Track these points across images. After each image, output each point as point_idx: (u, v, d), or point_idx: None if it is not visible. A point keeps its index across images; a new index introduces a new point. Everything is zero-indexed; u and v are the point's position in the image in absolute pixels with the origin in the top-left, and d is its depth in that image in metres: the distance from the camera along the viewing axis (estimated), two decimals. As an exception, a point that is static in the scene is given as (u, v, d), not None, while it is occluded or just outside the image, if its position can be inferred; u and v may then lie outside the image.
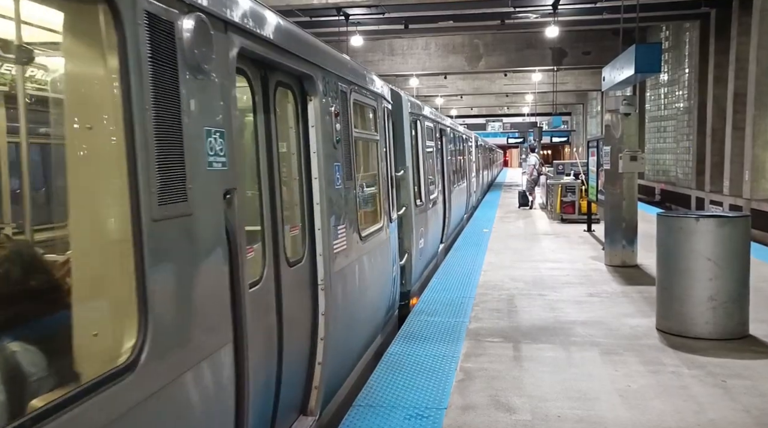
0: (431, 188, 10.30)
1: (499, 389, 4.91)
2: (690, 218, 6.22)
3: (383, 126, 6.64)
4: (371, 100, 6.15)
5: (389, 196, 6.77)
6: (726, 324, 6.04)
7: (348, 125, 5.09)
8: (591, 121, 45.93)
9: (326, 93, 4.47)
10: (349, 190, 5.05)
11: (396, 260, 7.10)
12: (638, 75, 10.40)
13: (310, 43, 4.41)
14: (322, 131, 4.35)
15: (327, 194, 4.40)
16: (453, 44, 28.84)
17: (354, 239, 5.11)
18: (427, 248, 9.57)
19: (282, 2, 16.95)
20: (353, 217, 5.13)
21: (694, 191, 23.42)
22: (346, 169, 4.94)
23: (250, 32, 3.25)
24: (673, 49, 26.86)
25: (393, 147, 7.64)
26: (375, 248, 5.89)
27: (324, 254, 4.32)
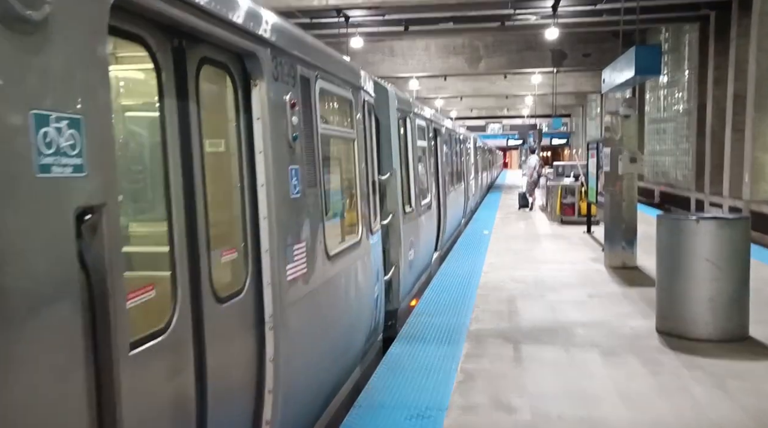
0: (423, 193, 9.52)
1: (500, 389, 4.93)
2: (690, 220, 6.24)
3: (363, 122, 5.65)
4: (346, 91, 5.17)
5: (370, 203, 5.79)
6: (726, 326, 6.06)
7: (312, 120, 4.11)
8: (590, 123, 45.97)
9: (278, 77, 3.56)
10: (313, 199, 4.10)
11: (379, 276, 6.16)
12: (638, 77, 10.42)
13: (255, 12, 3.36)
14: (272, 125, 3.44)
15: (278, 206, 3.48)
16: (453, 46, 28.87)
17: (319, 259, 4.18)
18: (418, 259, 8.68)
19: (282, 3, 16.98)
20: (318, 232, 4.18)
21: (693, 193, 23.44)
22: (308, 173, 4.00)
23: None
24: (672, 51, 26.90)
25: (377, 147, 6.84)
26: (349, 266, 4.98)
27: (273, 283, 3.40)
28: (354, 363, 5.30)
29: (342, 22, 20.47)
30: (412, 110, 8.80)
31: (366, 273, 5.53)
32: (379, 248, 6.17)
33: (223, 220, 3.33)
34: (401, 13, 20.93)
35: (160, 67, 2.68)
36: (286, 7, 17.12)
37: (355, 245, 5.18)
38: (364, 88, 5.80)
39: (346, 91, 5.17)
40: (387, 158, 7.25)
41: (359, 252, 5.28)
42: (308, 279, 3.96)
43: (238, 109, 3.34)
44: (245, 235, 3.36)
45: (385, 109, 7.29)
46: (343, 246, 4.87)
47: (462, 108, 52.59)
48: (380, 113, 7.06)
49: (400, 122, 7.98)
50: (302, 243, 3.87)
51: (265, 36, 3.43)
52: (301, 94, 3.91)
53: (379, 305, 6.18)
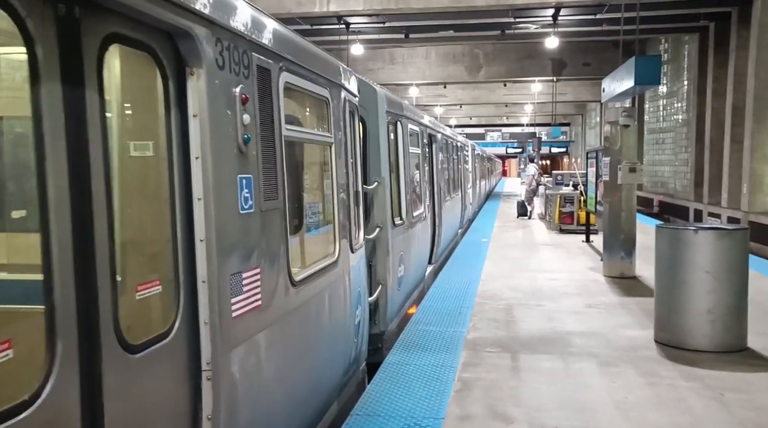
0: (416, 203, 8.89)
1: (497, 399, 4.90)
2: (689, 231, 6.23)
3: (343, 125, 4.93)
4: (321, 89, 4.44)
5: (351, 216, 5.10)
6: (724, 337, 6.05)
7: (273, 119, 3.43)
8: (590, 132, 46.07)
9: (224, 65, 2.90)
10: (273, 214, 3.41)
11: (362, 298, 5.51)
12: (638, 87, 10.45)
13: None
14: (214, 124, 2.79)
15: (222, 224, 2.82)
16: (453, 54, 28.98)
17: (279, 287, 3.49)
18: (409, 275, 8.04)
19: (283, 10, 17.03)
20: (279, 254, 3.49)
21: (692, 203, 23.47)
22: (267, 183, 3.32)
23: None
24: (672, 62, 26.99)
25: (363, 154, 6.33)
26: (322, 292, 4.29)
27: (213, 322, 2.76)
28: (328, 402, 4.59)
29: (342, 29, 20.54)
30: (404, 114, 8.12)
31: (344, 297, 4.83)
32: (362, 266, 5.52)
33: (140, 243, 2.74)
34: (402, 21, 21.00)
35: (35, 44, 1.94)
36: (287, 14, 17.18)
37: (330, 266, 4.47)
38: (346, 86, 5.08)
39: (322, 88, 4.44)
40: (374, 166, 6.65)
41: (335, 274, 4.57)
42: (263, 313, 3.24)
43: (168, 103, 2.67)
44: (175, 261, 2.67)
45: (373, 111, 6.68)
46: (313, 269, 4.16)
47: (461, 116, 52.72)
48: (367, 115, 6.54)
49: (390, 126, 7.36)
50: (255, 269, 3.15)
51: (204, 11, 2.72)
52: (257, 89, 3.22)
53: (362, 331, 5.50)
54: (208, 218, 2.76)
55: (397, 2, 17.37)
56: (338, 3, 17.50)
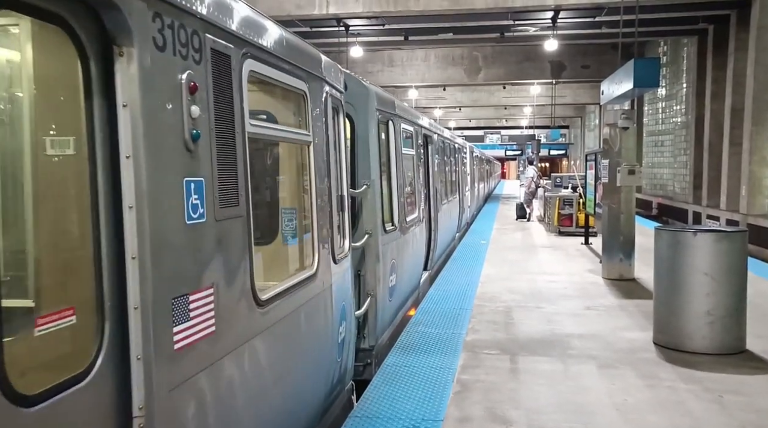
0: (410, 207, 8.42)
1: (496, 401, 4.90)
2: (688, 233, 6.23)
3: (324, 122, 4.44)
4: (297, 81, 3.91)
5: (334, 223, 4.61)
6: (723, 339, 6.04)
7: (232, 113, 2.94)
8: (589, 134, 46.10)
9: (165, 46, 2.40)
10: (232, 224, 2.91)
11: (347, 313, 4.99)
12: (637, 89, 10.45)
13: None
14: (148, 116, 2.30)
15: (160, 237, 2.35)
16: (452, 56, 29.00)
17: (240, 309, 2.99)
18: (402, 283, 7.55)
19: (283, 12, 17.05)
20: (239, 270, 2.98)
21: (691, 206, 23.49)
22: (223, 187, 2.82)
23: None
24: (671, 64, 27.03)
25: (351, 155, 5.93)
26: (296, 310, 3.77)
27: (147, 357, 2.27)
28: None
29: (342, 32, 20.55)
30: (397, 113, 7.61)
31: (325, 314, 4.34)
32: (346, 278, 4.98)
33: (49, 263, 2.33)
34: (401, 23, 21.02)
35: None
36: (286, 16, 17.20)
37: (307, 280, 3.95)
38: (328, 80, 4.58)
39: (298, 80, 3.92)
40: (363, 168, 6.19)
41: (314, 288, 4.07)
42: (218, 341, 2.74)
43: (90, 90, 2.19)
44: (99, 284, 2.20)
45: (362, 109, 6.24)
46: (285, 285, 3.64)
47: (461, 118, 52.76)
48: (356, 114, 6.15)
49: (381, 125, 6.89)
50: (207, 290, 2.65)
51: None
52: (212, 77, 2.75)
53: (347, 349, 5.02)
54: (141, 230, 2.24)
55: (397, 4, 17.40)
56: (337, 5, 17.52)
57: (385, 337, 6.67)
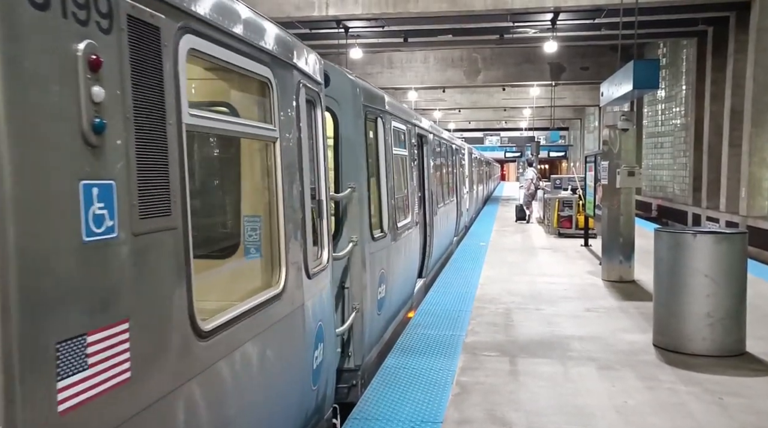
0: (402, 211, 7.85)
1: (496, 403, 4.88)
2: (687, 235, 6.22)
3: (297, 117, 3.83)
4: (258, 66, 3.26)
5: (308, 233, 3.96)
6: (723, 341, 6.03)
7: (162, 99, 2.32)
8: (588, 136, 46.12)
9: (47, 3, 1.81)
10: (157, 239, 2.28)
11: (326, 333, 4.38)
12: (636, 91, 10.44)
13: None
14: (16, 96, 1.71)
15: (38, 262, 1.76)
16: (452, 58, 29.04)
17: (172, 344, 2.37)
18: (392, 294, 6.93)
19: (282, 14, 17.06)
20: (169, 296, 2.37)
21: (690, 207, 23.49)
22: (146, 193, 2.21)
23: None
24: (670, 66, 27.04)
25: (335, 155, 5.49)
26: (255, 338, 3.12)
27: (14, 425, 1.65)
28: None
29: (341, 33, 20.56)
30: (387, 110, 6.96)
31: (294, 339, 3.72)
32: (325, 294, 4.37)
33: None
34: (401, 25, 21.04)
35: None
36: (286, 17, 17.20)
37: (271, 301, 3.30)
38: (301, 67, 3.95)
39: (260, 65, 3.27)
40: (348, 170, 5.63)
41: (279, 310, 3.44)
42: (135, 391, 2.10)
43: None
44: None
45: (347, 105, 5.67)
46: (239, 309, 2.96)
47: (460, 120, 52.79)
48: (339, 109, 5.60)
49: (369, 123, 6.31)
50: (117, 326, 2.03)
51: None
52: (130, 52, 2.14)
53: (325, 373, 4.40)
54: (4, 252, 1.65)
55: (396, 6, 17.41)
56: (337, 7, 17.54)
57: (373, 354, 6.06)
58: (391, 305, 6.89)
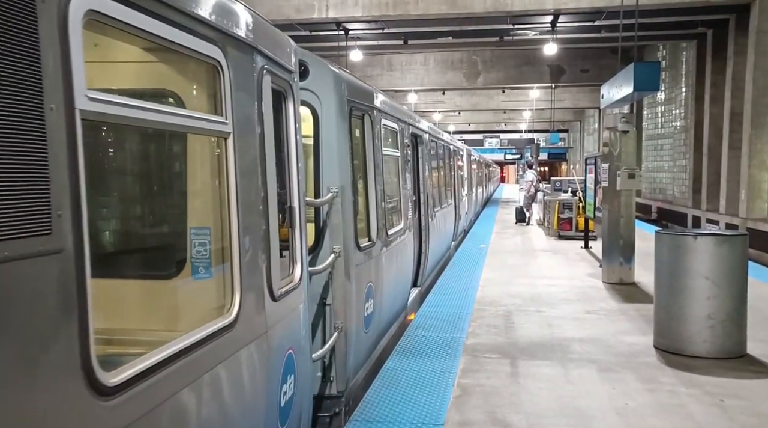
0: (393, 217, 7.29)
1: (497, 405, 4.88)
2: (688, 237, 6.22)
3: (259, 109, 3.18)
4: (202, 43, 2.59)
5: (273, 246, 3.26)
6: (724, 343, 6.03)
7: (35, 76, 1.68)
8: (588, 138, 46.14)
9: None
10: (20, 270, 1.60)
11: (297, 363, 3.65)
12: (637, 93, 10.47)
13: None
14: None
15: None
16: (452, 60, 29.07)
17: (56, 410, 1.70)
18: (382, 309, 6.31)
19: (282, 16, 17.08)
20: (54, 344, 1.71)
21: (690, 210, 23.50)
22: (5, 198, 1.55)
23: None
24: (670, 68, 27.07)
25: (315, 155, 4.98)
26: (193, 385, 2.42)
27: None
28: None
29: (341, 35, 20.59)
30: (376, 106, 6.33)
31: (252, 376, 3.00)
32: (296, 317, 3.70)
33: None
34: (401, 27, 21.06)
35: None
36: (285, 20, 17.22)
37: (217, 334, 2.60)
38: (264, 50, 3.24)
39: (205, 43, 2.60)
40: (329, 172, 5.01)
41: (230, 344, 2.73)
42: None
43: None
44: None
45: (329, 99, 5.04)
46: (168, 350, 2.25)
47: (460, 122, 52.83)
48: (320, 104, 5.00)
49: (355, 120, 5.69)
50: None
51: None
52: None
53: (298, 409, 3.71)
54: None
55: (396, 8, 17.44)
56: (337, 9, 17.56)
57: (360, 377, 5.47)
58: (380, 322, 6.25)
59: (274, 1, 17.16)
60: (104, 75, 3.11)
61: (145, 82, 3.34)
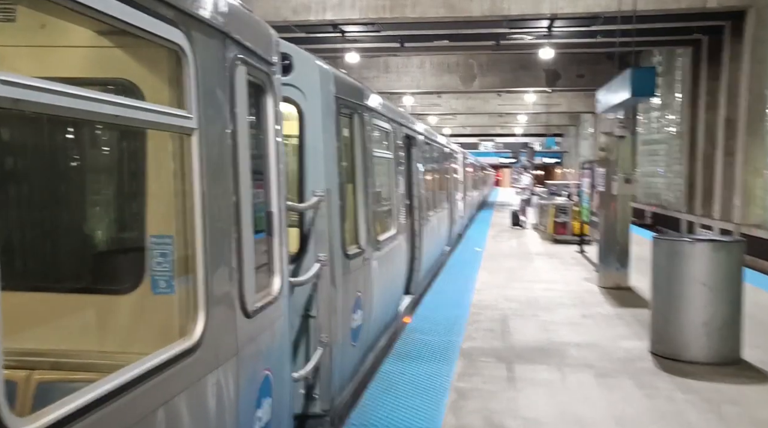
0: (384, 222, 7.03)
1: (493, 410, 4.86)
2: (685, 242, 6.23)
3: (231, 102, 2.83)
4: (160, 24, 2.23)
5: (245, 256, 2.89)
6: (720, 349, 6.03)
7: None
8: (583, 143, 46.27)
9: None
10: None
11: (275, 385, 3.31)
12: (632, 98, 10.50)
13: None
14: None
15: None
16: (448, 63, 29.08)
17: None
18: (371, 320, 5.95)
19: (279, 17, 17.03)
20: None
21: (684, 215, 23.56)
22: None
23: None
24: (665, 74, 27.16)
25: (299, 156, 4.65)
26: (145, 421, 2.06)
27: None
28: None
29: (338, 37, 20.56)
30: (366, 104, 6.01)
31: (219, 406, 2.65)
32: (273, 332, 3.36)
33: None
34: (397, 30, 21.04)
35: None
36: (282, 21, 17.18)
37: (174, 360, 2.25)
38: (237, 36, 2.89)
39: (164, 25, 2.27)
40: (315, 175, 4.65)
41: (191, 371, 2.39)
42: None
43: None
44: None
45: (314, 96, 4.68)
46: (111, 382, 1.87)
47: (456, 125, 52.85)
48: (305, 101, 4.65)
49: (343, 119, 5.32)
50: None
51: None
52: None
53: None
54: None
55: (393, 11, 17.42)
56: (334, 11, 17.53)
57: (346, 394, 5.08)
58: (369, 334, 5.91)
59: (271, 2, 17.12)
60: (52, 61, 2.85)
61: (99, 70, 2.97)
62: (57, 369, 2.66)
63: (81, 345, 2.83)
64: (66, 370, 2.68)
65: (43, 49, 2.79)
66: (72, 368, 2.68)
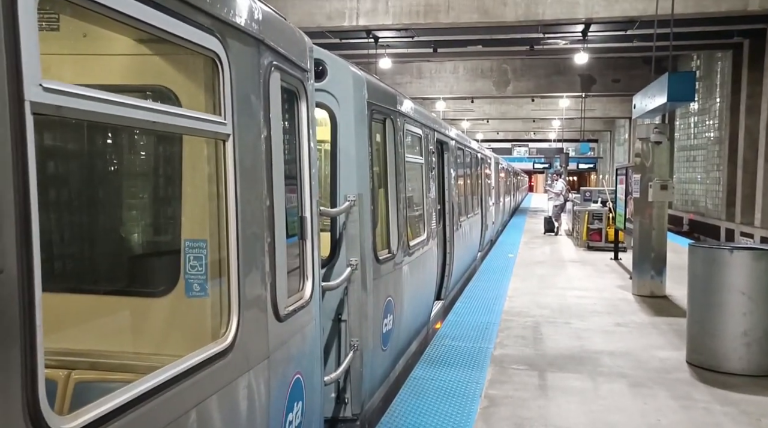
0: (416, 227, 6.99)
1: (525, 418, 4.81)
2: (724, 250, 6.08)
3: (266, 109, 2.85)
4: (196, 32, 2.26)
5: (278, 261, 2.93)
6: (760, 361, 5.88)
7: None
8: (618, 148, 45.58)
9: None
10: None
11: (307, 388, 3.34)
12: (670, 104, 10.29)
13: None
14: None
15: None
16: (481, 69, 28.96)
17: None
18: (402, 325, 5.97)
19: (313, 24, 17.19)
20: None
21: (723, 222, 23.02)
22: None
23: None
24: (704, 79, 26.62)
25: (332, 162, 4.70)
26: (176, 423, 2.09)
27: None
28: None
29: (371, 43, 20.66)
30: (399, 110, 6.03)
31: (251, 409, 2.66)
32: (305, 336, 3.35)
33: None
34: (431, 35, 21.06)
35: None
36: (317, 27, 17.34)
37: (207, 363, 2.27)
38: (272, 44, 2.92)
39: (201, 32, 2.29)
40: (347, 180, 4.69)
41: (223, 374, 2.40)
42: None
43: None
44: None
45: (347, 102, 4.72)
46: (139, 388, 1.89)
47: (488, 130, 52.59)
48: (339, 107, 4.68)
49: (376, 124, 5.38)
50: None
51: None
52: None
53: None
54: None
55: (426, 17, 17.43)
56: (367, 17, 17.62)
57: (377, 398, 5.12)
58: (399, 338, 5.92)
59: (306, 8, 17.30)
60: (93, 68, 2.93)
61: (138, 77, 3.04)
62: (94, 369, 2.73)
63: (117, 346, 2.90)
64: (103, 370, 2.73)
65: (84, 57, 2.86)
66: (109, 368, 2.73)
